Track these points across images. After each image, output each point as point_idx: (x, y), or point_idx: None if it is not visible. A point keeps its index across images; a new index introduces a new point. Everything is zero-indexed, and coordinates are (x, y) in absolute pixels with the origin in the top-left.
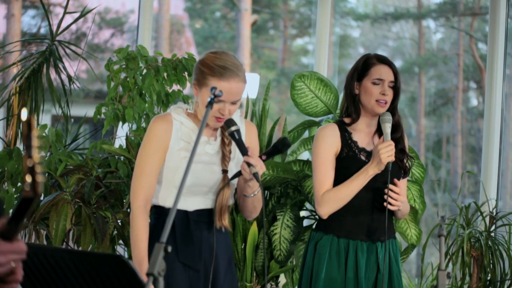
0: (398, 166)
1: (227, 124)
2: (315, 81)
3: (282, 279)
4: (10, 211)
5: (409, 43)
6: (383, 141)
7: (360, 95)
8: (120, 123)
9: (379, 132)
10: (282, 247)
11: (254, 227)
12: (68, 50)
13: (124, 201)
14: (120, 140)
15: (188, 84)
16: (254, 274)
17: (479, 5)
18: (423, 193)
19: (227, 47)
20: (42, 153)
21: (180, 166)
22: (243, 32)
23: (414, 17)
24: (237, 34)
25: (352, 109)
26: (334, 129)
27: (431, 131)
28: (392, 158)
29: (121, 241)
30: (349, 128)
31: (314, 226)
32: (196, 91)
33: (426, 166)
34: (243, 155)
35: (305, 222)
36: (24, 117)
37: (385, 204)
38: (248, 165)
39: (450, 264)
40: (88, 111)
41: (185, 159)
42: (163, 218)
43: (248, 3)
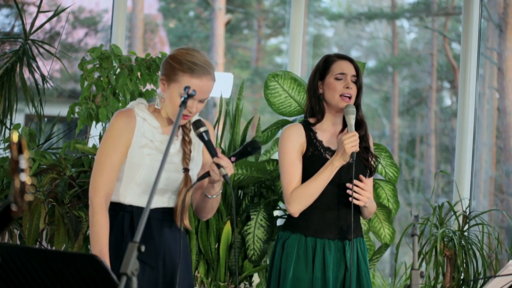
0: (364, 166)
1: (196, 125)
2: (289, 80)
3: (256, 278)
4: None
5: (383, 43)
6: (347, 132)
7: (324, 93)
8: (94, 122)
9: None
10: (256, 247)
11: (227, 227)
12: (41, 49)
13: None
14: (93, 140)
15: None
16: (228, 273)
17: (452, 5)
18: (396, 192)
19: (201, 47)
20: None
21: (144, 163)
22: (217, 32)
23: (388, 17)
24: (211, 33)
25: (317, 109)
26: (299, 129)
27: (405, 130)
28: (356, 148)
29: None
30: (314, 127)
31: (282, 226)
32: (163, 86)
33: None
34: (213, 156)
35: (279, 222)
36: (15, 139)
37: (350, 199)
38: (218, 166)
39: (424, 264)
40: (61, 110)
41: (149, 156)
42: (121, 215)
43: (222, 3)
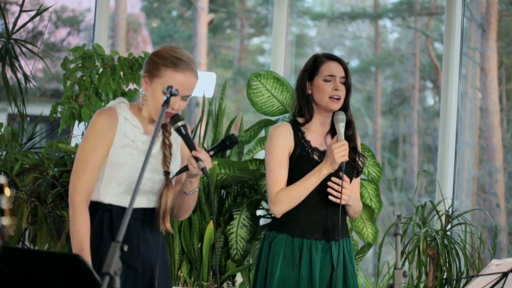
0: (351, 166)
1: (174, 119)
2: (271, 80)
3: (239, 278)
4: None
5: (365, 42)
6: (336, 141)
7: (313, 94)
8: (76, 122)
9: (332, 131)
10: (239, 246)
11: (210, 226)
12: (24, 49)
13: None
14: (76, 139)
15: None
16: (211, 273)
17: (435, 5)
18: (379, 192)
19: (184, 46)
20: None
21: (126, 162)
22: (199, 31)
23: (371, 16)
24: (193, 33)
25: (305, 110)
26: (287, 128)
27: (388, 130)
28: (346, 158)
29: None
30: (302, 127)
31: (268, 225)
32: (146, 84)
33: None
34: (191, 150)
35: (262, 221)
36: (1, 181)
37: (330, 197)
38: (196, 160)
39: (406, 263)
40: (44, 110)
41: (131, 155)
42: (100, 214)
43: (205, 2)
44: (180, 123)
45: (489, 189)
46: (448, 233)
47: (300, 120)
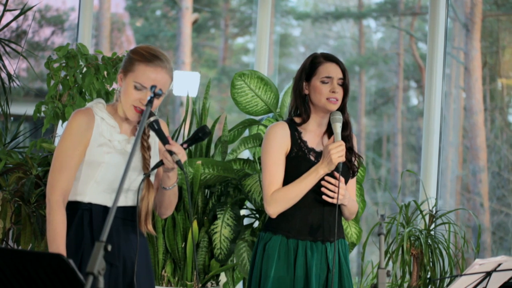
0: (347, 167)
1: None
2: (255, 80)
3: (223, 277)
4: None
5: (349, 42)
6: (333, 141)
7: (310, 94)
8: (60, 121)
9: (329, 132)
10: (223, 246)
11: (194, 226)
12: (8, 48)
13: None
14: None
15: None
16: (195, 272)
17: (419, 5)
18: (363, 191)
19: (168, 46)
20: None
21: (103, 161)
22: (184, 31)
23: (355, 16)
24: (178, 32)
25: (302, 110)
26: (284, 128)
27: (372, 130)
28: (342, 159)
29: None
30: (299, 127)
31: (263, 226)
32: (120, 80)
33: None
34: (164, 144)
35: (246, 221)
36: None
37: (324, 197)
38: (170, 153)
39: (390, 263)
40: (28, 109)
41: (108, 154)
42: (79, 213)
43: (189, 2)
44: (152, 118)
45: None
46: (432, 232)
47: (297, 120)
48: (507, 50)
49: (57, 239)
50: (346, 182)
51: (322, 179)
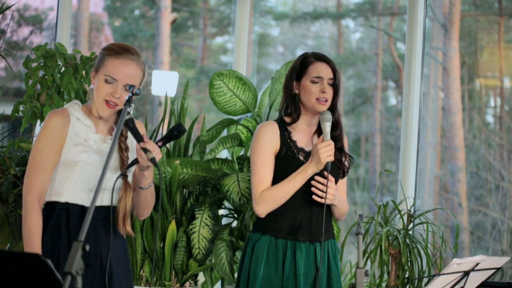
0: (337, 167)
1: (119, 113)
2: (234, 79)
3: (201, 277)
4: None
5: (328, 42)
6: (322, 141)
7: (300, 94)
8: (38, 121)
9: (318, 132)
10: (201, 246)
11: (172, 226)
12: None
13: None
14: None
15: None
16: (173, 272)
17: (397, 5)
18: None
19: (147, 45)
20: None
21: (79, 160)
22: (162, 30)
23: (333, 16)
24: (156, 32)
25: (292, 109)
26: (274, 127)
27: (350, 129)
28: (331, 158)
29: None
30: (289, 127)
31: (253, 226)
32: (93, 78)
33: None
34: (139, 142)
35: (224, 221)
36: None
37: (314, 197)
38: (145, 151)
39: (369, 262)
40: (6, 109)
41: (84, 153)
42: (56, 213)
43: (168, 2)
44: (127, 117)
45: (451, 189)
46: (410, 232)
47: (287, 119)
48: (485, 50)
49: (32, 240)
50: (336, 182)
51: (311, 178)
